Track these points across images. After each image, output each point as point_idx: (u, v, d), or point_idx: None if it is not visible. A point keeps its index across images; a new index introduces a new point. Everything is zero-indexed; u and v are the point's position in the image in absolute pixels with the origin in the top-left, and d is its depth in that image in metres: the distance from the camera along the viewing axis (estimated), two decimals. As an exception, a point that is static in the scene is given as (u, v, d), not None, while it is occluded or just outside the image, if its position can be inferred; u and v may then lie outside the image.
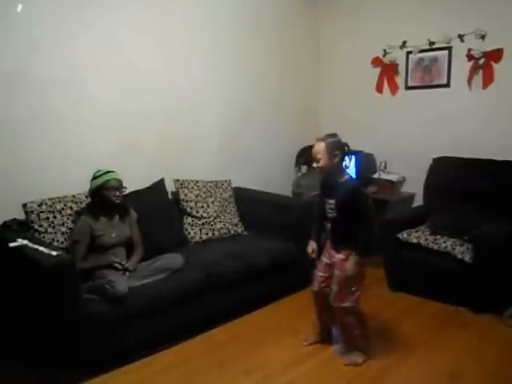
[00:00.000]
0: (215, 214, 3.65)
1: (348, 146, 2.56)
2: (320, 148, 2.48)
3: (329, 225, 2.63)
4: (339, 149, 2.50)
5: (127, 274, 2.80)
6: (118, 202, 2.88)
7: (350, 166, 4.19)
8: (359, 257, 2.50)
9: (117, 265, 2.81)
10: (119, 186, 2.88)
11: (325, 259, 2.67)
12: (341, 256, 2.56)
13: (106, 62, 3.29)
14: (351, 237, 2.51)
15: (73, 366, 2.44)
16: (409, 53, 4.19)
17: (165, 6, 3.57)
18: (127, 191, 3.19)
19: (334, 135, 2.53)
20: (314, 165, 2.54)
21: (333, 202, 2.53)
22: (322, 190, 2.68)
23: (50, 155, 3.07)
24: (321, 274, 2.69)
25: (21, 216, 2.83)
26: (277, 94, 4.51)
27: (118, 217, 2.97)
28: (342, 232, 2.58)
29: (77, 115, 3.17)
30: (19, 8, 2.85)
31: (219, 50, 4.00)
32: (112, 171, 2.90)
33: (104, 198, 2.85)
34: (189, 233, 3.52)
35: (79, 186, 2.98)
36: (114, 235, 2.90)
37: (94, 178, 2.88)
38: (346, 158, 2.59)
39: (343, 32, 4.66)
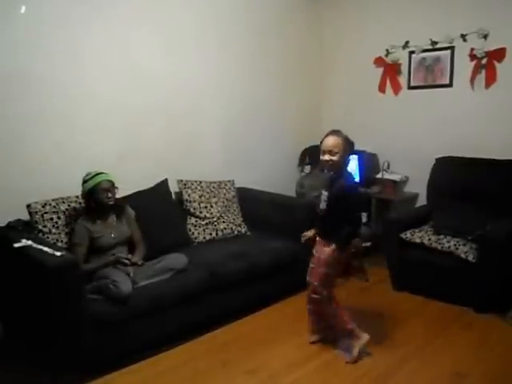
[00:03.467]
0: (218, 215, 3.66)
1: (354, 146, 2.60)
2: (338, 143, 2.50)
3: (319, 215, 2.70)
4: (351, 146, 2.55)
5: (131, 274, 2.80)
6: (111, 203, 2.88)
7: (353, 165, 4.20)
8: (336, 246, 2.56)
9: (125, 260, 2.82)
10: (110, 186, 2.87)
11: (315, 252, 2.72)
12: (326, 249, 2.62)
13: (109, 62, 3.30)
14: (335, 231, 2.56)
15: (76, 366, 2.45)
16: (411, 53, 4.19)
17: (169, 6, 3.58)
18: (131, 191, 3.21)
19: (341, 132, 2.57)
20: (327, 157, 2.51)
21: (326, 194, 2.59)
22: (326, 183, 2.72)
23: (53, 156, 3.08)
24: (311, 265, 2.76)
25: (25, 216, 2.84)
26: (280, 94, 4.52)
27: (114, 217, 2.97)
28: (327, 225, 2.63)
29: (79, 116, 3.18)
30: (23, 10, 2.86)
31: (222, 50, 4.00)
32: (102, 172, 2.88)
33: (97, 200, 2.84)
34: (192, 233, 3.53)
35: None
36: (113, 235, 2.90)
37: (84, 181, 2.86)
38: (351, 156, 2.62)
39: (345, 32, 4.67)
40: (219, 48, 3.98)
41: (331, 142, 2.52)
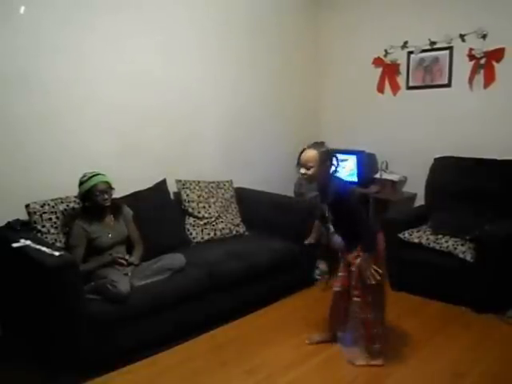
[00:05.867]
0: (217, 215, 3.66)
1: (336, 156, 2.58)
2: (312, 156, 2.51)
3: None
4: (329, 158, 2.54)
5: (129, 274, 2.81)
6: (107, 204, 2.87)
7: (347, 168, 4.26)
8: (367, 253, 2.51)
9: (121, 260, 2.82)
10: (107, 188, 2.86)
11: (348, 257, 2.67)
12: (353, 255, 2.59)
13: (109, 64, 3.29)
14: (354, 236, 2.55)
15: (75, 366, 2.45)
16: (410, 53, 4.19)
17: (169, 9, 3.59)
18: (129, 191, 3.21)
19: (323, 144, 2.59)
20: (302, 171, 2.54)
21: (325, 206, 2.61)
22: (319, 196, 2.73)
23: (53, 156, 3.08)
24: (341, 273, 2.73)
25: (24, 216, 2.85)
26: (278, 95, 4.52)
27: (112, 217, 2.97)
28: (343, 232, 2.66)
29: (79, 116, 3.18)
30: (22, 10, 2.86)
31: (221, 52, 4.01)
32: (98, 174, 2.87)
33: (94, 201, 2.84)
34: (191, 233, 3.53)
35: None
36: (110, 236, 2.90)
37: (81, 183, 2.85)
38: (335, 165, 2.59)
39: (344, 33, 4.67)
40: (217, 50, 3.98)
41: (305, 156, 2.54)
